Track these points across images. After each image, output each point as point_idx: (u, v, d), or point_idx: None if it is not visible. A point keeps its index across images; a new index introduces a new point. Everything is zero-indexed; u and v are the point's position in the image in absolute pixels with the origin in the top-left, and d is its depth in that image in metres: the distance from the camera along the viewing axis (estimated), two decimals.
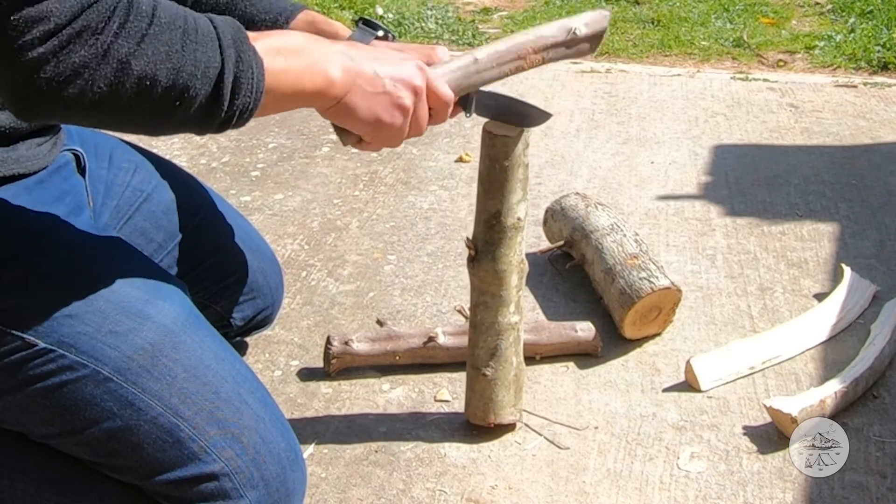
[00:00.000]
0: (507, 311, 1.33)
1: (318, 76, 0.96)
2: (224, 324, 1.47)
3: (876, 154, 2.36)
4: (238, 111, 0.89)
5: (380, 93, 1.00)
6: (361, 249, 1.98)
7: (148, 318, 1.03)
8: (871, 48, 3.12)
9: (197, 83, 0.84)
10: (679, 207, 2.12)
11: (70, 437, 1.03)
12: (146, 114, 0.84)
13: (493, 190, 1.26)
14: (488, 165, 1.25)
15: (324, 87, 0.96)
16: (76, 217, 1.12)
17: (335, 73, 0.97)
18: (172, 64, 0.83)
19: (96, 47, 0.78)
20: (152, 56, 0.81)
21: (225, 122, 0.90)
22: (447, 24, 3.58)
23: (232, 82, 0.87)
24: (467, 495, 1.32)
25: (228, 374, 1.06)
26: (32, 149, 1.10)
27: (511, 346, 1.36)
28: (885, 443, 1.40)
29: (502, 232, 1.27)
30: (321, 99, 0.98)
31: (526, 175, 1.26)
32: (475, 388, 1.40)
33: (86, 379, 0.99)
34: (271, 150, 2.49)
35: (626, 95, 2.82)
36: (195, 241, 1.40)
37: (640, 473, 1.36)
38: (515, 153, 1.23)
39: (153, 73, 0.81)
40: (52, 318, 1.00)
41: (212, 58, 0.85)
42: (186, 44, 0.84)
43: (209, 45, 0.86)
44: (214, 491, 1.03)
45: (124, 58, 0.79)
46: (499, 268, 1.30)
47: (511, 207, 1.26)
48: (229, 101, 0.88)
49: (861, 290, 1.74)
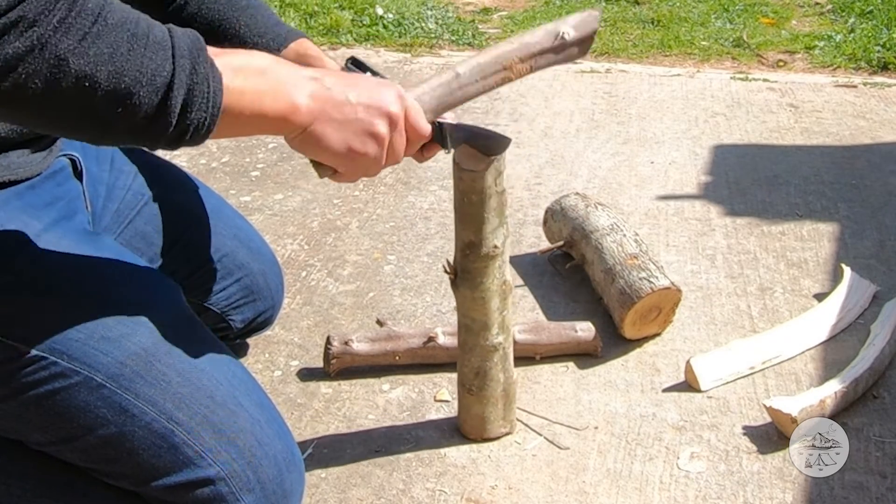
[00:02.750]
0: (488, 334, 1.32)
1: (280, 100, 0.90)
2: (224, 326, 1.47)
3: (876, 154, 2.36)
4: (192, 126, 0.84)
5: (351, 120, 0.94)
6: (361, 249, 1.98)
7: (141, 322, 1.03)
8: (871, 48, 3.12)
9: (141, 90, 0.80)
10: (679, 207, 2.12)
11: (65, 444, 1.02)
12: (87, 118, 0.80)
13: (465, 221, 1.23)
14: (460, 198, 1.22)
15: (287, 113, 0.90)
16: (68, 222, 1.12)
17: (300, 99, 0.91)
18: (115, 67, 0.78)
19: (32, 40, 0.74)
20: (93, 56, 0.77)
21: (177, 137, 0.84)
22: (447, 24, 3.58)
23: (184, 94, 0.82)
24: (467, 495, 1.32)
25: (223, 378, 1.06)
26: (25, 156, 1.09)
27: (496, 366, 1.35)
28: (885, 443, 1.40)
29: (478, 261, 1.25)
30: (285, 125, 0.92)
31: (501, 202, 1.22)
32: (463, 403, 1.40)
33: (79, 386, 0.99)
34: (271, 150, 2.49)
35: (626, 95, 2.82)
36: (196, 244, 1.40)
37: (640, 473, 1.36)
38: (485, 186, 1.19)
39: (93, 74, 0.77)
40: (43, 326, 0.99)
41: (160, 66, 0.81)
42: (134, 48, 0.79)
43: (160, 53, 0.81)
44: (211, 495, 1.03)
45: (62, 54, 0.75)
46: (477, 295, 1.28)
47: (485, 237, 1.23)
48: (180, 115, 0.83)
49: (861, 290, 1.74)
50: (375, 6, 3.65)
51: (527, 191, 2.21)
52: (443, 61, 3.21)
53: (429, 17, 3.62)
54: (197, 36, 0.86)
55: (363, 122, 0.95)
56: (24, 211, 1.07)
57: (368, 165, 0.99)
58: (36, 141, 1.10)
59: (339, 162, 0.98)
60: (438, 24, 3.59)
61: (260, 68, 0.90)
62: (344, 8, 3.69)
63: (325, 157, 0.97)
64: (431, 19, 3.61)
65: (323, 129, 0.94)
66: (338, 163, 0.98)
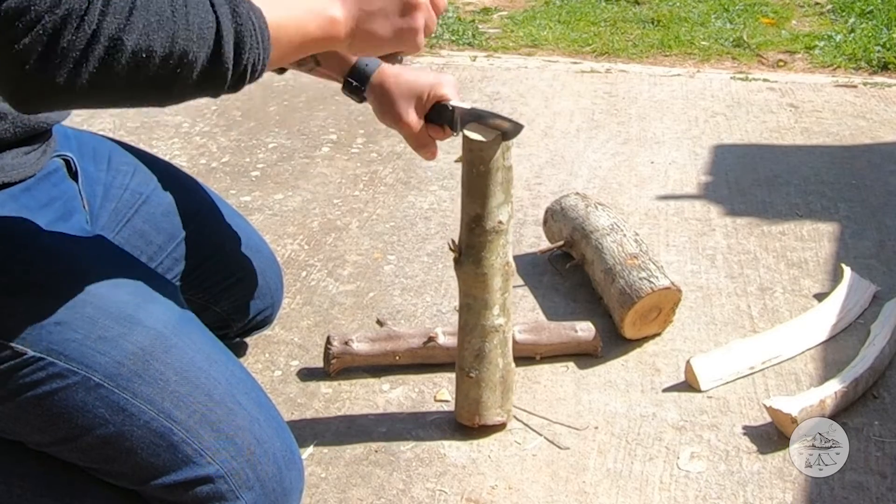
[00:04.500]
0: (490, 314, 1.33)
1: (319, 19, 0.95)
2: (223, 324, 1.47)
3: (876, 154, 2.36)
4: (250, 65, 0.88)
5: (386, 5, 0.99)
6: (361, 249, 1.98)
7: (138, 322, 1.03)
8: (871, 48, 3.12)
9: (194, 46, 0.82)
10: (679, 207, 2.12)
11: (64, 444, 1.02)
12: (148, 86, 0.82)
13: (473, 194, 1.26)
14: (468, 170, 1.25)
15: (328, 29, 0.96)
16: (65, 222, 1.12)
17: (334, 11, 0.96)
18: (165, 32, 0.80)
19: (84, 29, 0.76)
20: (143, 28, 0.79)
21: (238, 79, 0.88)
22: (447, 24, 3.58)
23: (234, 38, 0.85)
24: (467, 495, 1.32)
25: (221, 376, 1.06)
26: (19, 157, 1.09)
27: (496, 349, 1.36)
28: (885, 443, 1.40)
29: (483, 235, 1.27)
30: (331, 41, 0.98)
31: (508, 178, 1.26)
32: (461, 388, 1.40)
33: (76, 386, 0.99)
34: (271, 150, 2.49)
35: (626, 95, 2.82)
36: (194, 242, 1.40)
37: (640, 473, 1.36)
38: (493, 157, 1.23)
39: (147, 45, 0.80)
40: (40, 326, 0.99)
41: (204, 19, 0.83)
42: (176, 9, 0.82)
43: (200, 7, 0.84)
44: (210, 493, 1.03)
45: (115, 34, 0.78)
46: (480, 271, 1.30)
47: (491, 211, 1.26)
48: (235, 59, 0.86)
49: (861, 290, 1.74)
50: None
51: (527, 191, 2.21)
52: (443, 61, 3.21)
53: None
54: None
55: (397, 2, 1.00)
56: (20, 213, 1.07)
57: (420, 33, 1.03)
58: (30, 140, 1.10)
59: (397, 44, 1.03)
60: (438, 23, 3.58)
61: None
62: None
63: (384, 47, 1.02)
64: None
65: (368, 26, 0.99)
66: (396, 45, 1.03)
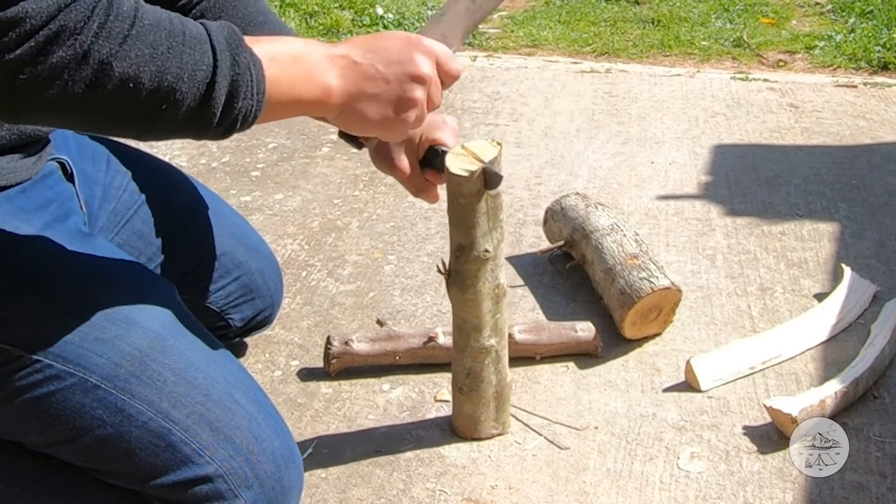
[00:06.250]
0: (480, 337, 1.32)
1: (314, 85, 0.93)
2: (223, 325, 1.47)
3: (876, 154, 2.36)
4: (240, 115, 0.87)
5: (385, 91, 0.96)
6: (361, 249, 1.98)
7: (135, 322, 1.03)
8: (871, 48, 3.12)
9: (183, 86, 0.82)
10: (679, 207, 2.12)
11: (62, 445, 1.02)
12: (131, 117, 0.82)
13: (456, 224, 1.23)
14: (450, 200, 1.22)
15: (322, 96, 0.94)
16: (61, 224, 1.11)
17: (332, 81, 0.94)
18: (156, 66, 0.80)
19: (75, 48, 0.76)
20: (135, 58, 0.79)
21: (227, 127, 0.87)
22: None
23: (228, 86, 0.85)
24: (467, 495, 1.32)
25: (219, 375, 1.06)
26: (14, 161, 1.08)
27: (487, 367, 1.35)
28: (885, 443, 1.40)
29: (468, 264, 1.25)
30: (322, 108, 0.95)
31: (495, 205, 1.21)
32: (456, 402, 1.41)
33: (74, 387, 0.99)
34: (271, 150, 2.48)
35: (626, 95, 2.82)
36: (193, 242, 1.40)
37: (640, 473, 1.36)
38: (472, 191, 1.18)
39: (136, 75, 0.79)
40: (36, 328, 0.99)
41: (200, 60, 0.83)
42: (172, 46, 0.81)
43: (198, 48, 0.83)
44: (209, 493, 1.03)
45: (105, 59, 0.77)
46: (468, 296, 1.28)
47: (476, 241, 1.23)
48: (225, 106, 0.85)
49: (861, 290, 1.74)
50: (375, 6, 3.65)
51: (527, 191, 2.21)
52: None
53: (429, 17, 3.62)
54: (232, 27, 0.88)
55: (397, 92, 0.97)
56: (16, 215, 1.07)
57: (409, 127, 1.01)
58: (27, 146, 1.10)
59: (382, 132, 1.00)
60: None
61: (293, 55, 0.92)
62: (344, 8, 3.69)
63: (369, 130, 1.00)
64: None
65: (360, 106, 0.96)
66: (381, 133, 1.01)
